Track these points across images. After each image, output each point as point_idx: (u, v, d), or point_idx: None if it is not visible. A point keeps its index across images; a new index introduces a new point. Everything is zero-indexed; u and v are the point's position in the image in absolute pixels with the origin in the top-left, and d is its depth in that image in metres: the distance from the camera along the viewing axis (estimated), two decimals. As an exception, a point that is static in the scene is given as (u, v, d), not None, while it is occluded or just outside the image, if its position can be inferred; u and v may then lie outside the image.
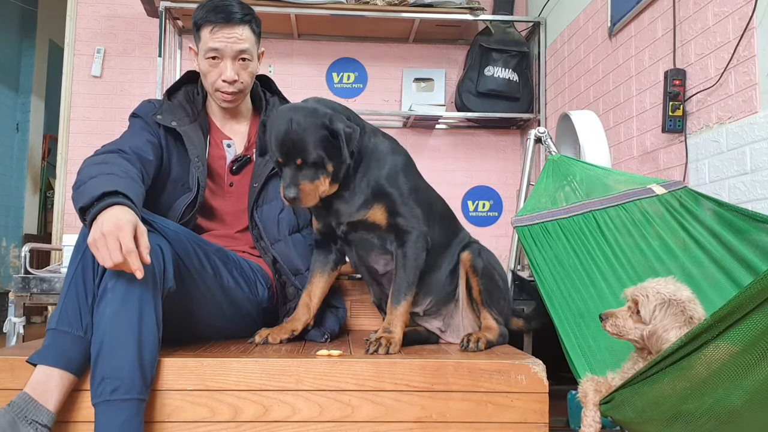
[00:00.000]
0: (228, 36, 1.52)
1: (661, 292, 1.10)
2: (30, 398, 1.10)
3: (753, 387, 0.81)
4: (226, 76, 1.53)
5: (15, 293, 2.14)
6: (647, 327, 1.09)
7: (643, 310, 1.10)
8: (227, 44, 1.52)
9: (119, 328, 1.14)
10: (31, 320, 4.64)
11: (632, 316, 1.12)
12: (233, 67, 1.53)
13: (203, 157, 1.56)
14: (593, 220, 1.55)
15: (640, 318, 1.10)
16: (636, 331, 1.11)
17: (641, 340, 1.11)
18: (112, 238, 1.11)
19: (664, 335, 1.06)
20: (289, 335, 1.46)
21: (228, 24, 1.52)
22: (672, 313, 1.07)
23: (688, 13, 2.03)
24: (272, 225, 1.58)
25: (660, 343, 1.07)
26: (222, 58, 1.53)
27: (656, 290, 1.10)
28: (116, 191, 1.19)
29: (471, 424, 1.23)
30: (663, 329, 1.07)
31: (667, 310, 1.08)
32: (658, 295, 1.09)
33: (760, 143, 1.67)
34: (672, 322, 1.07)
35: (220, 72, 1.54)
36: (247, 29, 1.55)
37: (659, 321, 1.07)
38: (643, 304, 1.10)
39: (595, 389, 1.16)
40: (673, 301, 1.08)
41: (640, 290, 1.12)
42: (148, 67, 3.62)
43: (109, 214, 1.14)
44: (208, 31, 1.53)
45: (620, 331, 1.13)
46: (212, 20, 1.52)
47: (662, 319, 1.07)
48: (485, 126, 3.74)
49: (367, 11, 3.30)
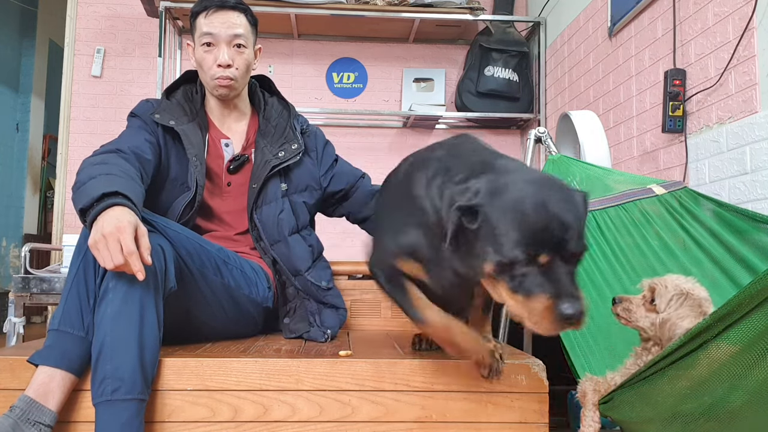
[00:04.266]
0: (223, 21, 1.54)
1: (680, 285, 1.11)
2: (31, 400, 1.10)
3: (752, 387, 0.81)
4: (221, 61, 1.53)
5: (15, 293, 2.14)
6: (660, 315, 1.09)
7: (659, 299, 1.10)
8: (221, 29, 1.53)
9: (120, 329, 1.14)
10: (31, 320, 4.65)
11: (645, 305, 1.12)
12: (228, 52, 1.54)
13: (201, 156, 1.56)
14: (593, 220, 1.55)
15: (653, 307, 1.11)
16: (646, 320, 1.11)
17: (650, 329, 1.11)
18: (113, 239, 1.11)
19: (679, 322, 1.07)
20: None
21: (222, 8, 1.54)
22: (688, 305, 1.08)
23: (688, 13, 2.03)
24: (272, 226, 1.58)
25: (673, 330, 1.07)
26: (217, 44, 1.54)
27: (675, 283, 1.11)
28: (116, 192, 1.19)
29: (471, 424, 1.23)
30: (678, 317, 1.07)
31: (684, 302, 1.08)
32: (677, 287, 1.10)
33: (760, 143, 1.67)
34: (687, 312, 1.07)
35: (215, 58, 1.54)
36: (243, 17, 1.57)
37: (674, 310, 1.08)
38: (660, 293, 1.10)
39: (595, 389, 1.16)
40: (691, 295, 1.09)
41: (660, 280, 1.12)
42: (148, 67, 3.62)
43: (110, 215, 1.14)
44: (203, 17, 1.55)
45: (630, 317, 1.14)
46: (207, 5, 1.54)
47: (677, 309, 1.08)
48: (485, 126, 3.74)
49: (367, 11, 3.30)
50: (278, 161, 1.59)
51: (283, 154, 1.60)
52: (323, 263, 1.67)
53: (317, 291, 1.59)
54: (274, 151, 1.60)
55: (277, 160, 1.59)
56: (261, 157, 1.60)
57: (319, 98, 3.69)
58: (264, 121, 1.67)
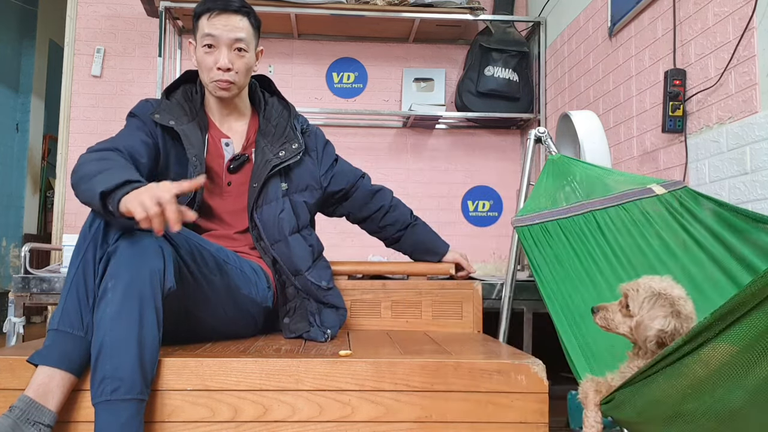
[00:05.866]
0: (225, 23, 1.53)
1: (652, 286, 1.10)
2: (31, 401, 1.10)
3: (753, 386, 0.81)
4: (220, 64, 1.53)
5: (15, 293, 2.14)
6: (634, 318, 1.09)
7: (632, 303, 1.11)
8: (223, 31, 1.53)
9: (120, 329, 1.14)
10: (30, 320, 4.65)
11: (621, 310, 1.13)
12: (228, 56, 1.54)
13: (201, 156, 1.56)
14: (593, 220, 1.55)
15: (629, 312, 1.11)
16: (624, 325, 1.12)
17: (630, 334, 1.12)
18: (150, 194, 1.13)
19: (649, 324, 1.07)
20: None
21: (225, 11, 1.54)
22: (660, 305, 1.08)
23: (688, 13, 2.03)
24: (272, 225, 1.58)
25: (645, 332, 1.07)
26: (217, 46, 1.54)
27: (647, 284, 1.11)
28: (139, 180, 1.22)
29: (471, 424, 1.23)
30: (649, 318, 1.07)
31: (656, 303, 1.08)
32: (648, 288, 1.10)
33: (760, 143, 1.67)
34: (659, 312, 1.07)
35: (215, 60, 1.54)
36: (245, 20, 1.56)
37: (646, 312, 1.08)
38: (632, 297, 1.11)
39: (596, 389, 1.16)
40: (663, 295, 1.09)
41: (632, 285, 1.13)
42: (148, 67, 3.62)
43: (142, 189, 1.16)
44: (205, 18, 1.54)
45: (609, 324, 1.15)
46: (210, 7, 1.54)
47: (649, 310, 1.08)
48: (485, 126, 3.74)
49: (367, 11, 3.30)
50: (279, 161, 1.59)
51: (283, 154, 1.60)
52: (323, 263, 1.67)
53: (317, 291, 1.59)
54: (275, 151, 1.60)
55: (277, 160, 1.59)
56: (261, 157, 1.60)
57: (319, 98, 3.69)
58: (264, 120, 1.67)
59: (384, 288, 1.83)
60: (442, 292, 1.82)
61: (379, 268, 1.93)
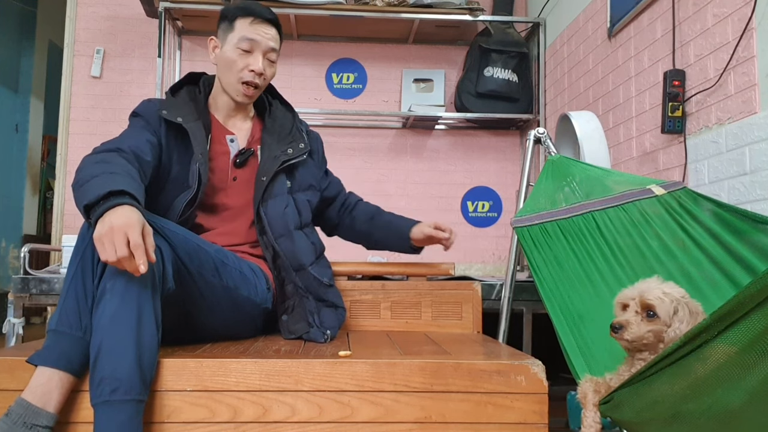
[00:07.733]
0: (266, 32, 1.60)
1: (666, 291, 1.12)
2: (27, 404, 1.09)
3: (752, 387, 0.81)
4: (256, 67, 1.58)
5: (14, 294, 2.14)
6: (671, 327, 1.09)
7: (662, 312, 1.10)
8: (264, 38, 1.59)
9: (118, 330, 1.13)
10: (30, 321, 4.64)
11: (644, 321, 1.12)
12: (263, 62, 1.60)
13: (206, 154, 1.57)
14: (593, 221, 1.55)
15: (650, 321, 1.11)
16: (650, 335, 1.11)
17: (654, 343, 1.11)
18: (120, 233, 1.11)
19: (683, 328, 1.08)
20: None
21: (267, 21, 1.61)
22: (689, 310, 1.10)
23: (687, 13, 2.03)
24: (278, 220, 1.59)
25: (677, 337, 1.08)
26: (254, 51, 1.59)
27: (662, 290, 1.12)
28: (123, 191, 1.19)
29: (470, 425, 1.23)
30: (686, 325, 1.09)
31: (685, 308, 1.10)
32: (668, 294, 1.11)
33: (759, 144, 1.67)
34: (685, 317, 1.09)
35: (248, 63, 1.59)
36: (277, 33, 1.64)
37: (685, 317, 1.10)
38: (660, 306, 1.10)
39: (595, 390, 1.16)
40: (680, 299, 1.11)
41: (648, 294, 1.12)
42: (147, 67, 3.62)
43: (118, 212, 1.14)
44: (247, 23, 1.59)
45: (637, 338, 1.11)
46: (253, 13, 1.59)
47: (682, 317, 1.09)
48: (485, 127, 3.74)
49: (366, 12, 3.31)
50: (287, 157, 1.62)
51: (291, 151, 1.63)
52: (325, 261, 1.68)
53: (318, 287, 1.59)
54: (282, 148, 1.64)
55: (285, 156, 1.62)
56: (268, 153, 1.62)
57: (318, 99, 3.69)
58: (270, 120, 1.71)
59: (383, 289, 1.83)
60: (441, 293, 1.82)
61: (379, 269, 1.94)
